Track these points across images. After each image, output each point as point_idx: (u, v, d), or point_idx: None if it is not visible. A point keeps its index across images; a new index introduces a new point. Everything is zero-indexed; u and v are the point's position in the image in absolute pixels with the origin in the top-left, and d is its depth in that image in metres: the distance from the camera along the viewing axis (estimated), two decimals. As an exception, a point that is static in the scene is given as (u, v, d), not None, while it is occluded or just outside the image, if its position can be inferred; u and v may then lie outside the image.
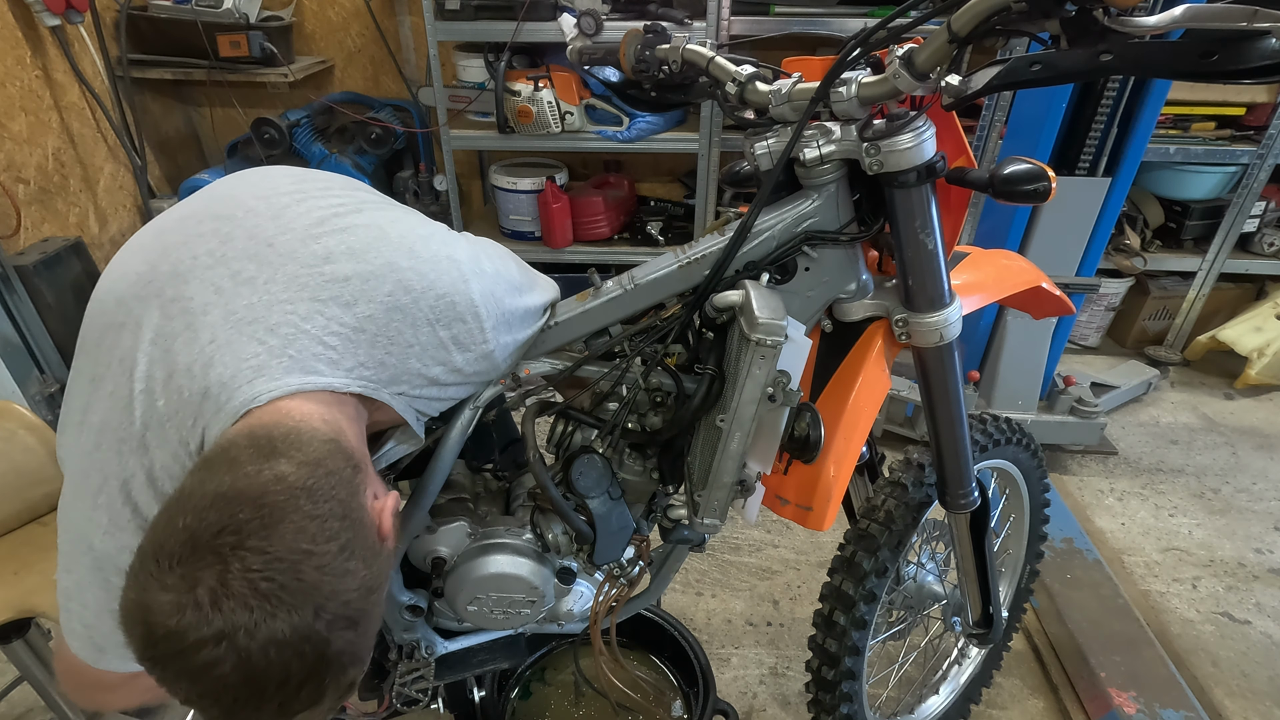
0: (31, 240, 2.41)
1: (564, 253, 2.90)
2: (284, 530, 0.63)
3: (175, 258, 0.80)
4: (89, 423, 0.78)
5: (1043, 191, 0.82)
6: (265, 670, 0.62)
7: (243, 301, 0.77)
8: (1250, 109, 2.58)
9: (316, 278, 0.79)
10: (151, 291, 0.79)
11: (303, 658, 0.63)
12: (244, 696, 0.63)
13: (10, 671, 1.63)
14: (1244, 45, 0.60)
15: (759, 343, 0.84)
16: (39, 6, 2.34)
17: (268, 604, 0.62)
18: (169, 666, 0.63)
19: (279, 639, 0.62)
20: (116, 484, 0.76)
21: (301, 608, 0.63)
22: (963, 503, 1.17)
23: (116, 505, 0.77)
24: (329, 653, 0.65)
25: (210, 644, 0.61)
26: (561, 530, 1.06)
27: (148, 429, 0.75)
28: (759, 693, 1.72)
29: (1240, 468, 2.46)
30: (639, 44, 1.13)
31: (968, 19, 0.70)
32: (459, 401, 0.95)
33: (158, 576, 0.62)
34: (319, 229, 0.82)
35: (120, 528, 0.77)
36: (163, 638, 0.61)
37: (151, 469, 0.76)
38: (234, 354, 0.74)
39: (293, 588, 0.63)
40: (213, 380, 0.73)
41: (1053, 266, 2.13)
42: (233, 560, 0.62)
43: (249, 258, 0.79)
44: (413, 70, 3.15)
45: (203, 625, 0.61)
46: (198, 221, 0.83)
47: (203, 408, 0.73)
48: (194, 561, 0.62)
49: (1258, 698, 1.71)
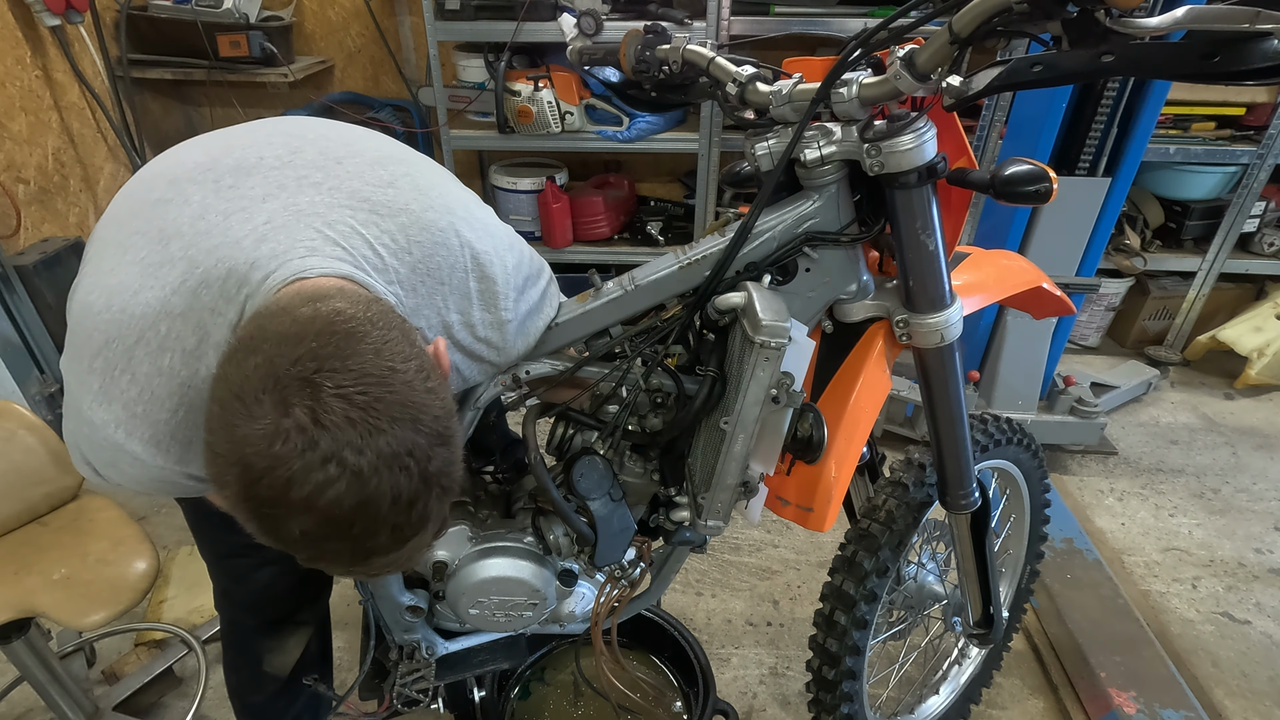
0: (31, 240, 2.41)
1: (564, 253, 2.90)
2: (362, 350, 0.62)
3: (240, 155, 0.81)
4: (107, 284, 0.75)
5: (1044, 192, 0.82)
6: (378, 488, 0.61)
7: (305, 198, 0.78)
8: (1250, 109, 2.58)
9: (379, 195, 0.81)
10: (210, 177, 0.79)
11: (409, 473, 0.62)
12: (361, 519, 0.61)
13: (10, 671, 1.63)
14: (1245, 46, 0.60)
15: (763, 345, 0.84)
16: (39, 6, 2.33)
17: (369, 417, 0.60)
18: (279, 504, 0.60)
19: (386, 453, 0.60)
20: (121, 347, 0.73)
21: (400, 421, 0.61)
22: (963, 503, 1.17)
23: (114, 370, 0.73)
24: (430, 470, 0.64)
25: (319, 465, 0.58)
26: (563, 532, 1.06)
27: (176, 294, 0.73)
28: (759, 693, 1.72)
29: (1240, 468, 2.46)
30: (639, 44, 1.13)
31: (969, 20, 0.70)
32: (459, 401, 0.95)
33: (245, 411, 0.59)
34: (388, 160, 0.85)
35: (110, 398, 0.74)
36: (266, 470, 0.59)
37: (165, 335, 0.73)
38: (289, 235, 0.74)
39: (389, 400, 0.61)
40: (264, 253, 0.73)
41: (1053, 266, 2.13)
42: (323, 381, 0.59)
43: (316, 168, 0.81)
44: (413, 70, 3.15)
45: (308, 449, 0.58)
46: (267, 134, 0.85)
47: (249, 276, 0.72)
48: (280, 390, 0.59)
49: (1258, 698, 1.71)
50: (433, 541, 0.71)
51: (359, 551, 0.64)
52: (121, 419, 0.74)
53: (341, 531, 0.62)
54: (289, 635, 1.19)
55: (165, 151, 0.86)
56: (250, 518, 0.62)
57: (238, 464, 0.59)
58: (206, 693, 1.66)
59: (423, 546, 0.69)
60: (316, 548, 0.64)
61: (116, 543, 1.32)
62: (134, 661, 1.69)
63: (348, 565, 0.66)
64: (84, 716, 1.50)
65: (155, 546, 1.33)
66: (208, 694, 1.66)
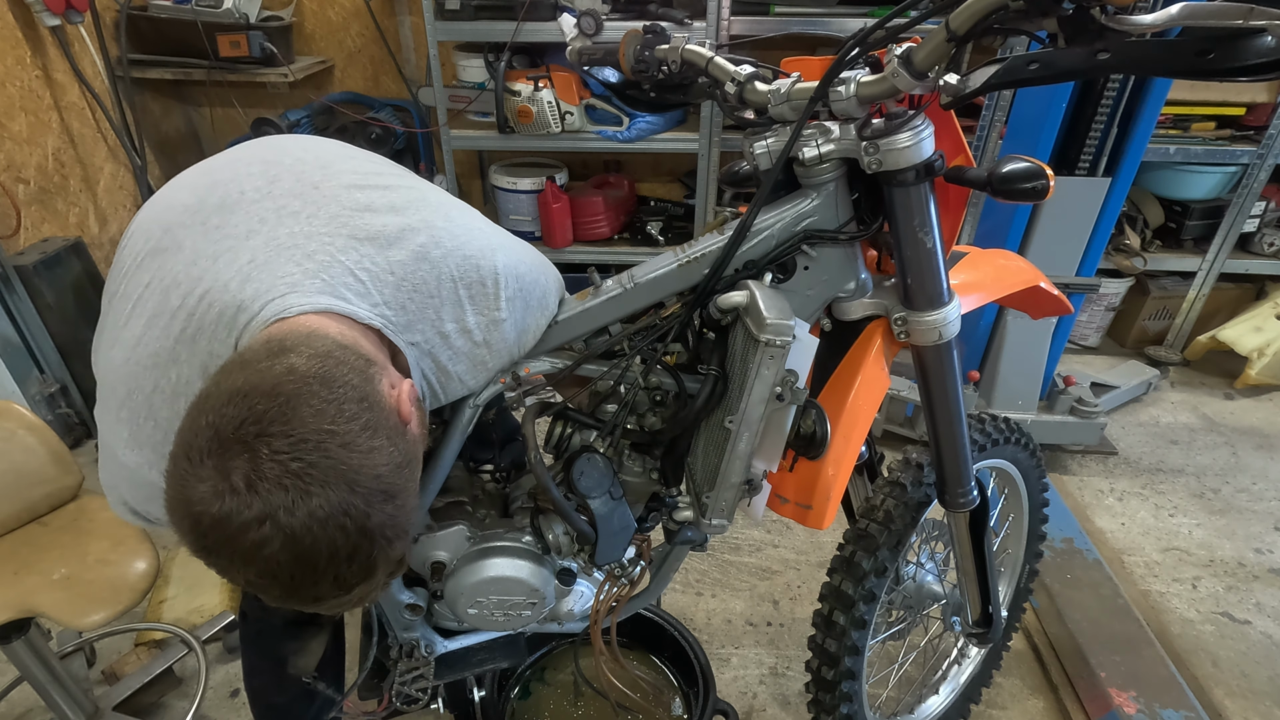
0: (31, 240, 2.41)
1: (564, 253, 2.90)
2: (303, 414, 0.66)
3: (223, 192, 0.85)
4: (122, 339, 0.81)
5: (1040, 189, 0.83)
6: (312, 546, 0.65)
7: (284, 230, 0.81)
8: (1250, 109, 2.57)
9: (356, 219, 0.83)
10: (198, 220, 0.83)
11: (345, 531, 0.66)
12: (299, 573, 0.66)
13: (10, 671, 1.63)
14: (1240, 43, 0.60)
15: (768, 343, 0.84)
16: (39, 6, 2.34)
17: (300, 482, 0.64)
18: (221, 553, 0.65)
19: (319, 515, 0.64)
20: (141, 397, 0.79)
21: (334, 484, 0.65)
22: (962, 501, 1.17)
23: (139, 419, 0.80)
24: (370, 525, 0.67)
25: (254, 525, 0.63)
26: (562, 531, 1.06)
27: (179, 343, 0.78)
28: (759, 693, 1.72)
29: (1240, 468, 2.46)
30: (638, 44, 1.13)
31: (966, 18, 0.70)
32: (459, 400, 0.95)
33: (192, 472, 0.64)
34: (363, 182, 0.88)
35: (140, 443, 0.81)
36: (210, 526, 0.63)
37: (176, 382, 0.78)
38: (271, 272, 0.78)
39: (322, 465, 0.65)
40: (248, 294, 0.77)
41: (1053, 266, 2.13)
42: (259, 446, 0.64)
43: (294, 196, 0.84)
44: (413, 70, 3.15)
45: (244, 509, 0.63)
46: (246, 163, 0.89)
47: (236, 319, 0.76)
48: (223, 453, 0.64)
49: (1258, 698, 1.71)
50: (388, 581, 0.76)
51: (305, 597, 0.69)
52: (152, 460, 0.81)
53: (282, 582, 0.67)
54: (312, 636, 1.20)
55: (157, 194, 0.91)
56: (206, 562, 0.67)
57: (187, 517, 0.65)
58: (206, 693, 1.66)
59: (374, 589, 0.73)
60: (265, 593, 0.69)
61: (116, 543, 1.32)
62: (134, 661, 1.69)
63: (300, 607, 0.71)
64: (84, 716, 1.50)
65: (155, 546, 1.34)
66: (208, 694, 1.66)
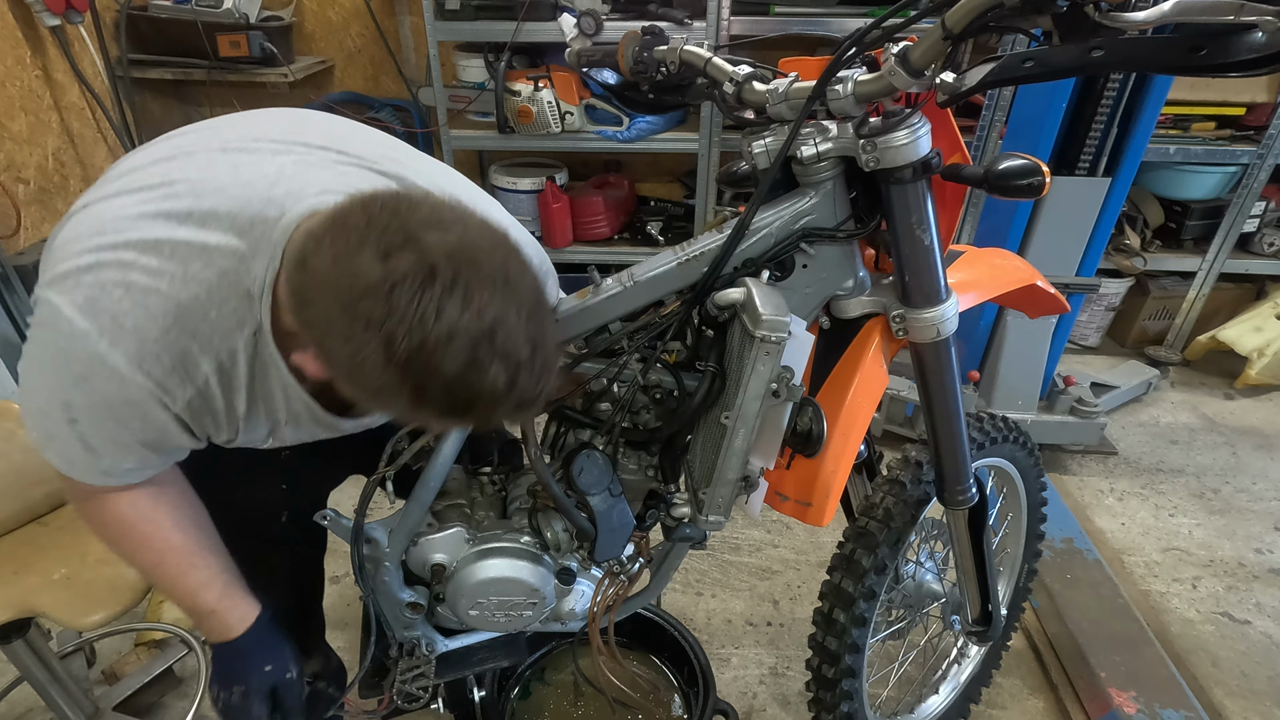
0: (31, 240, 2.42)
1: (564, 253, 2.91)
2: (436, 204, 0.70)
3: (243, 131, 0.85)
4: (98, 210, 0.78)
5: (1037, 186, 0.83)
6: (486, 244, 0.69)
7: (315, 158, 0.82)
8: (1250, 109, 2.57)
9: (385, 166, 0.86)
10: (217, 141, 0.82)
11: (540, 318, 0.70)
12: (535, 310, 0.70)
13: (10, 671, 1.63)
14: (1231, 39, 0.61)
15: (763, 339, 0.85)
16: (39, 6, 2.34)
17: (456, 212, 0.70)
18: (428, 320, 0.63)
19: (484, 226, 0.71)
20: (112, 255, 0.74)
21: (498, 245, 0.70)
22: (961, 499, 1.17)
23: (106, 281, 0.73)
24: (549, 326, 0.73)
25: (435, 227, 0.65)
26: (562, 528, 1.07)
27: (182, 225, 0.75)
28: (759, 693, 1.72)
29: (1240, 468, 2.46)
30: (637, 45, 1.13)
31: (961, 16, 0.70)
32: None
33: (356, 254, 0.64)
34: (390, 148, 0.91)
35: (98, 307, 0.73)
36: (408, 304, 0.63)
37: (172, 256, 0.74)
38: (303, 179, 0.78)
39: (459, 207, 0.71)
40: (279, 191, 0.77)
41: (1053, 266, 2.13)
42: (420, 233, 0.65)
43: (321, 146, 0.85)
44: (413, 70, 3.15)
45: (427, 281, 0.63)
46: (269, 116, 0.90)
47: (265, 211, 0.75)
48: (383, 244, 0.64)
49: (1258, 698, 1.71)
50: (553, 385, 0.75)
51: (520, 347, 0.68)
52: (107, 328, 0.73)
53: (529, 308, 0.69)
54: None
55: (161, 136, 0.88)
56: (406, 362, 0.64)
57: (358, 279, 0.64)
58: (206, 693, 1.66)
59: (542, 398, 0.72)
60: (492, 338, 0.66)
61: (116, 541, 1.32)
62: (134, 661, 1.69)
63: (503, 385, 0.67)
64: (84, 716, 1.50)
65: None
66: (208, 694, 1.66)
